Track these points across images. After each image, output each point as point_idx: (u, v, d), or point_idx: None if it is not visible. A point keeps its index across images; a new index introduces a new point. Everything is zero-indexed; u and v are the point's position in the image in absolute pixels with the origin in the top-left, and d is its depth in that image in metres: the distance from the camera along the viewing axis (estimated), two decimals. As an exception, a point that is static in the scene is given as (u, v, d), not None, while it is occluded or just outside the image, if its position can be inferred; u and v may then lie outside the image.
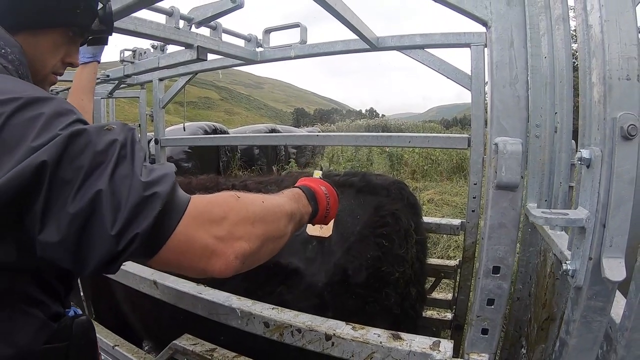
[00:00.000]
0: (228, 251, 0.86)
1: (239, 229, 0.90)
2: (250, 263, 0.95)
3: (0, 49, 1.00)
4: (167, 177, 0.81)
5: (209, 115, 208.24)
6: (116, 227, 0.72)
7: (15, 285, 0.88)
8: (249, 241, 0.91)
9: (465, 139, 2.68)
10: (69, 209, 0.71)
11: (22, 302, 0.89)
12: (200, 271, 0.86)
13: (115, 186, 0.74)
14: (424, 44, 2.79)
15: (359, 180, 2.11)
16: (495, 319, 0.99)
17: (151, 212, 0.75)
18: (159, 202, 0.76)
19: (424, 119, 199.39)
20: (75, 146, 0.75)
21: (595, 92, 0.92)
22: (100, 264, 0.74)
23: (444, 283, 3.55)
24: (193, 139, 7.14)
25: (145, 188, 0.76)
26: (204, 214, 0.85)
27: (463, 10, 0.99)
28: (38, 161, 0.70)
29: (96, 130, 0.79)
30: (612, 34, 0.87)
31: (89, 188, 0.72)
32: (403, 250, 1.93)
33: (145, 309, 2.20)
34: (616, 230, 0.86)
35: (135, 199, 0.74)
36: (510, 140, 0.89)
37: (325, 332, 1.23)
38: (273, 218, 1.03)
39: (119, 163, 0.77)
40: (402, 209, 2.02)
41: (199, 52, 2.48)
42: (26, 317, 0.89)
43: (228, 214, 0.90)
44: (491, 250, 0.95)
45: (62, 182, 0.72)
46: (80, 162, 0.74)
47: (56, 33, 1.14)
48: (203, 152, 11.17)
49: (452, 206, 8.52)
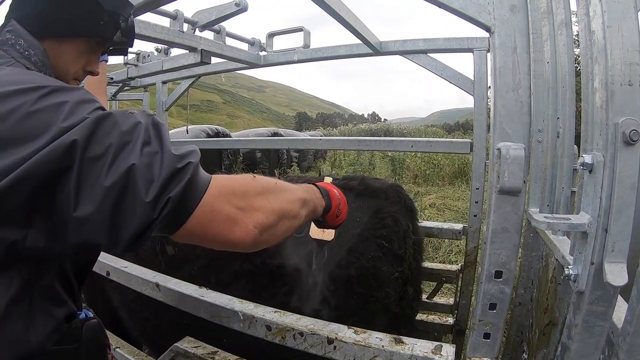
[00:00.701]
0: (247, 220, 0.93)
1: (256, 201, 0.97)
2: (267, 237, 0.99)
3: (25, 51, 1.07)
4: (195, 153, 0.89)
5: (212, 119, 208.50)
6: (150, 194, 0.78)
7: (40, 279, 0.92)
8: (266, 213, 0.97)
9: (467, 144, 2.68)
10: (103, 182, 0.76)
11: (43, 299, 0.93)
12: (223, 240, 0.92)
13: (147, 160, 0.80)
14: (427, 49, 2.80)
15: (358, 183, 2.15)
16: (497, 323, 0.99)
17: (182, 179, 0.82)
18: (189, 171, 0.84)
19: (427, 123, 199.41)
20: (103, 127, 0.81)
21: (597, 97, 0.92)
22: (134, 234, 0.79)
23: (445, 287, 3.54)
24: (196, 142, 7.16)
25: (178, 160, 0.83)
26: (226, 187, 0.93)
27: (467, 16, 1.00)
28: (69, 140, 0.76)
29: (121, 114, 0.86)
30: (614, 40, 0.87)
31: (121, 162, 0.78)
32: (402, 250, 1.99)
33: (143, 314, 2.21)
34: (618, 235, 0.87)
35: (169, 170, 0.81)
36: (513, 145, 0.89)
37: (327, 335, 1.23)
38: (286, 197, 1.09)
39: (146, 142, 0.83)
40: (401, 211, 2.07)
41: (203, 56, 2.49)
42: (45, 316, 0.93)
43: (247, 188, 0.98)
44: (494, 255, 0.95)
45: (93, 160, 0.77)
46: (109, 141, 0.79)
47: (80, 42, 1.20)
48: (205, 155, 11.05)
49: (454, 211, 8.50)
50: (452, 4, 1.01)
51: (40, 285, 0.93)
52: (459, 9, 1.00)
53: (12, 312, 0.86)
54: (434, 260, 5.30)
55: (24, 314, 0.89)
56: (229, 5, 2.11)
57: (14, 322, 0.87)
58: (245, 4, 2.06)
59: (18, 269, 0.87)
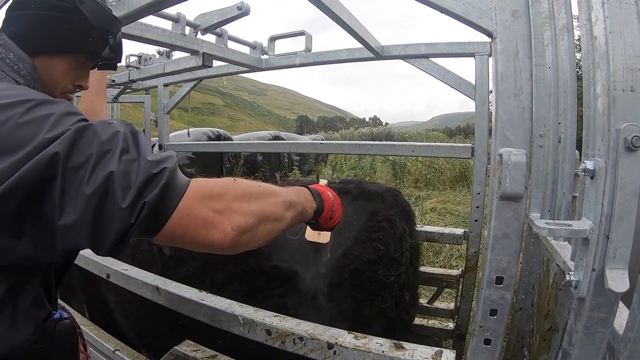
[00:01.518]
0: (225, 222, 0.94)
1: (235, 204, 0.99)
2: (247, 239, 1.01)
3: (14, 65, 1.10)
4: (171, 158, 0.92)
5: (213, 121, 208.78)
6: (127, 200, 0.81)
7: (26, 285, 0.97)
8: (244, 215, 0.99)
9: (469, 149, 2.68)
10: (85, 190, 0.80)
11: (27, 302, 0.97)
12: (201, 242, 0.94)
13: (124, 168, 0.83)
14: (429, 53, 2.80)
15: (354, 187, 2.18)
16: (497, 329, 0.98)
17: (158, 184, 0.85)
18: (164, 176, 0.86)
19: (428, 127, 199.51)
20: (83, 138, 0.84)
21: (599, 103, 0.92)
22: (116, 238, 0.82)
23: (446, 292, 3.54)
24: (197, 145, 7.15)
25: (153, 166, 0.86)
26: (204, 191, 0.95)
27: (469, 22, 1.00)
28: (51, 153, 0.79)
29: (100, 124, 0.89)
30: (616, 46, 0.87)
31: (100, 171, 0.81)
32: (398, 254, 2.00)
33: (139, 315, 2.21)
34: (620, 241, 0.86)
35: (144, 176, 0.84)
36: (515, 151, 0.89)
37: (327, 340, 1.23)
38: (269, 200, 1.10)
39: (125, 149, 0.86)
40: (397, 215, 2.09)
41: (205, 59, 2.49)
42: (28, 318, 0.97)
43: (225, 191, 0.99)
44: (494, 261, 0.95)
45: (75, 169, 0.81)
46: (89, 151, 0.83)
47: (69, 58, 1.24)
48: (206, 158, 11.16)
49: (455, 215, 8.50)
50: (454, 9, 1.01)
51: (25, 290, 0.97)
52: (461, 14, 1.00)
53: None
54: (435, 265, 5.29)
55: (9, 316, 0.92)
56: (231, 8, 2.11)
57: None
58: (247, 7, 2.06)
59: (6, 275, 0.91)
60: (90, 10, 1.22)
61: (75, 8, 1.19)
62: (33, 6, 1.15)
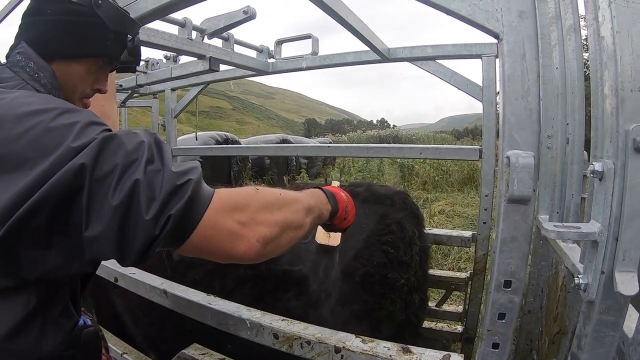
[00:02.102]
0: (250, 234, 0.95)
1: (259, 215, 0.99)
2: (271, 248, 1.03)
3: (34, 73, 1.11)
4: (195, 169, 0.92)
5: (221, 125, 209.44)
6: (151, 212, 0.82)
7: (55, 296, 0.99)
8: (269, 226, 1.00)
9: (476, 151, 2.67)
10: (111, 201, 0.81)
11: (56, 313, 1.00)
12: (227, 254, 0.95)
13: (149, 178, 0.84)
14: (435, 55, 2.80)
15: (364, 190, 2.19)
16: (506, 333, 0.98)
17: (183, 196, 0.85)
18: (189, 188, 0.87)
19: (436, 129, 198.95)
20: (109, 148, 0.85)
21: (607, 104, 0.91)
22: (141, 250, 0.83)
23: (454, 295, 3.53)
24: (205, 149, 7.16)
25: (177, 177, 0.87)
26: (228, 203, 0.96)
27: (475, 23, 0.99)
28: (78, 164, 0.80)
29: (125, 134, 0.90)
30: (624, 45, 0.86)
31: (126, 182, 0.82)
32: (407, 257, 2.00)
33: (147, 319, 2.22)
34: (629, 243, 0.85)
35: (169, 187, 0.85)
36: (522, 153, 0.88)
37: (334, 344, 1.23)
38: (290, 208, 1.12)
39: (150, 160, 0.87)
40: (406, 218, 2.10)
41: (212, 63, 2.49)
42: (56, 328, 0.99)
43: (249, 202, 1.00)
44: (503, 264, 0.94)
45: (101, 180, 0.82)
46: (115, 161, 0.84)
47: (88, 62, 1.23)
48: (214, 161, 11.19)
49: (463, 217, 8.46)
50: (460, 11, 1.01)
51: (54, 301, 0.99)
52: (467, 16, 1.00)
53: (28, 325, 0.92)
54: (443, 268, 5.27)
55: (39, 327, 0.94)
56: (237, 12, 2.11)
57: (29, 334, 0.92)
58: (253, 11, 2.07)
59: (37, 286, 0.93)
60: (108, 13, 1.21)
61: (92, 12, 1.18)
62: (49, 11, 1.15)
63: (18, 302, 0.91)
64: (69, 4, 1.15)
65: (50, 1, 1.15)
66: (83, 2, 1.16)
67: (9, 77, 1.08)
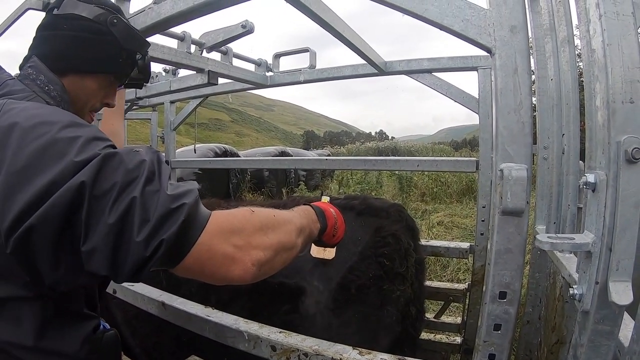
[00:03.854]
0: (246, 258, 0.96)
1: (255, 239, 1.01)
2: (266, 270, 1.04)
3: (45, 86, 1.15)
4: (191, 192, 0.92)
5: (220, 137, 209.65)
6: (142, 234, 0.83)
7: (70, 302, 1.05)
8: (264, 250, 1.02)
9: (473, 162, 2.68)
10: (107, 219, 0.82)
11: (72, 316, 1.06)
12: (221, 278, 0.96)
13: (145, 199, 0.85)
14: (432, 68, 2.81)
15: (359, 203, 2.19)
16: (502, 344, 0.98)
17: (176, 221, 0.85)
18: (183, 212, 0.87)
19: (434, 140, 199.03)
20: (109, 166, 0.86)
21: (599, 115, 0.92)
22: (133, 269, 0.84)
23: (453, 306, 3.52)
24: (203, 162, 7.18)
25: (172, 201, 0.87)
26: (224, 226, 0.96)
27: (468, 38, 1.00)
28: (78, 182, 0.82)
29: (127, 152, 0.91)
30: (614, 58, 0.87)
31: (124, 199, 0.84)
32: (403, 269, 2.01)
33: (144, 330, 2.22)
34: (622, 253, 0.86)
35: (162, 210, 0.85)
36: (516, 166, 0.90)
37: (332, 356, 1.23)
38: (284, 230, 1.13)
39: (148, 180, 0.88)
40: (402, 230, 2.11)
41: (210, 77, 2.51)
42: (75, 331, 1.05)
43: (245, 225, 1.01)
44: (497, 276, 0.95)
45: (99, 197, 0.83)
46: (114, 179, 0.85)
47: (99, 78, 1.29)
48: (213, 173, 11.21)
49: (462, 228, 8.45)
50: (453, 26, 1.02)
51: (70, 308, 1.05)
52: (460, 31, 1.01)
53: (47, 330, 0.98)
54: (442, 279, 5.26)
55: (57, 330, 1.01)
56: (235, 27, 2.13)
57: (51, 337, 0.99)
58: (251, 26, 2.08)
59: (52, 295, 0.98)
60: (121, 32, 1.26)
61: (107, 30, 1.23)
62: (66, 27, 1.20)
63: (36, 309, 0.96)
64: (86, 21, 1.20)
65: (67, 17, 1.20)
66: (100, 20, 1.22)
67: (20, 89, 1.11)
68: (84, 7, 1.21)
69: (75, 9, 1.20)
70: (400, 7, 1.09)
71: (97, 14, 1.22)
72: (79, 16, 1.20)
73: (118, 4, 1.70)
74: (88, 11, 1.21)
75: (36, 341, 0.96)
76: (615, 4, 0.88)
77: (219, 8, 1.54)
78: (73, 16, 1.20)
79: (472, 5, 1.01)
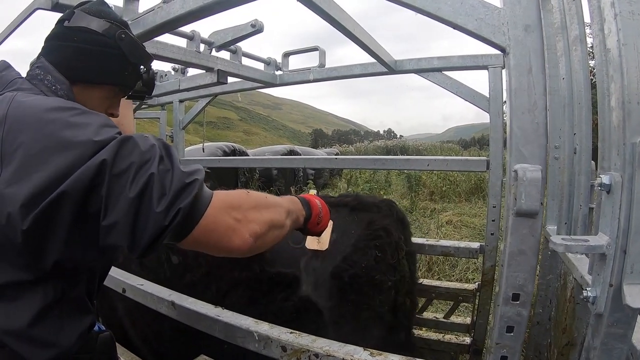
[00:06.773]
0: (244, 230, 1.07)
1: (251, 214, 1.12)
2: (260, 244, 1.14)
3: (52, 85, 1.21)
4: (200, 171, 1.04)
5: (228, 136, 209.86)
6: (162, 205, 0.92)
7: (72, 289, 1.11)
8: (259, 224, 1.12)
9: (484, 162, 2.67)
10: (128, 194, 0.90)
11: (72, 307, 1.11)
12: (223, 247, 1.06)
13: (161, 176, 0.94)
14: (442, 67, 2.80)
15: (352, 200, 2.34)
16: (514, 346, 0.97)
17: (190, 193, 0.96)
18: (196, 186, 0.98)
19: (443, 139, 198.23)
20: (126, 148, 0.95)
21: (614, 116, 0.91)
22: (151, 238, 0.93)
23: (462, 306, 3.51)
24: (212, 160, 7.18)
25: (186, 176, 0.98)
26: (225, 201, 1.07)
27: (482, 37, 1.00)
28: (99, 160, 0.91)
29: (139, 137, 1.00)
30: (630, 58, 0.86)
31: (142, 176, 0.92)
32: (395, 260, 2.14)
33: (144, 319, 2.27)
34: (637, 256, 0.85)
35: (178, 184, 0.96)
36: (530, 167, 0.89)
37: (342, 357, 1.23)
38: (275, 210, 1.25)
39: (161, 160, 0.97)
40: (392, 223, 2.25)
41: (219, 76, 2.52)
42: (73, 323, 1.10)
43: (242, 203, 1.13)
44: (511, 278, 0.94)
45: (118, 175, 0.92)
46: (131, 159, 0.94)
47: (105, 88, 1.34)
48: (222, 172, 11.21)
49: (471, 228, 8.41)
50: (467, 25, 1.01)
51: (71, 294, 1.10)
52: (474, 30, 1.00)
53: (45, 317, 1.03)
54: (451, 279, 5.24)
55: (56, 319, 1.06)
56: (244, 26, 2.13)
57: (48, 324, 1.04)
58: (261, 25, 2.08)
59: (56, 280, 1.05)
60: (128, 46, 1.31)
61: (115, 44, 1.28)
62: (76, 39, 1.24)
63: (37, 295, 1.02)
64: (96, 34, 1.26)
65: (77, 30, 1.25)
66: (108, 34, 1.27)
67: (29, 88, 1.17)
68: (94, 21, 1.26)
69: (85, 22, 1.25)
70: (413, 6, 1.08)
71: (106, 28, 1.27)
72: (89, 29, 1.25)
73: (127, 3, 1.72)
74: (98, 25, 1.26)
75: (30, 328, 1.01)
76: (631, 3, 0.86)
77: (228, 7, 1.54)
78: (83, 29, 1.25)
79: (485, 4, 1.00)
